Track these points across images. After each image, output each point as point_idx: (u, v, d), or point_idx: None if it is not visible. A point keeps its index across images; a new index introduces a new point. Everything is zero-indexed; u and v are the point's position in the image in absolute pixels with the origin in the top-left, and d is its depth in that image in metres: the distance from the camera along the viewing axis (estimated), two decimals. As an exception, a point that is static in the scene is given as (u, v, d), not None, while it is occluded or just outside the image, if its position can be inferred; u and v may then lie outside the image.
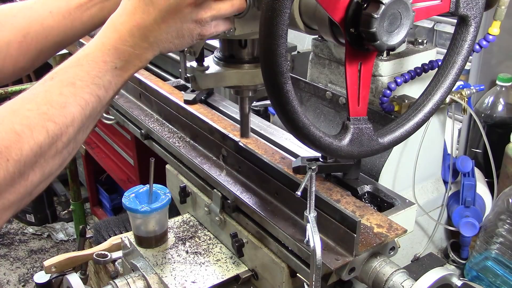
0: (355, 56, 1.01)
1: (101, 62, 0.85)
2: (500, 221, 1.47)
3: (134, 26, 0.87)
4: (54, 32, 1.15)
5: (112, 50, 0.86)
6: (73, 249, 3.53)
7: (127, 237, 1.44)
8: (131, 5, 0.89)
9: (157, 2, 0.87)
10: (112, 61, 0.85)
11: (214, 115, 1.68)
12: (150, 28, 0.87)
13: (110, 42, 0.86)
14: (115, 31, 0.87)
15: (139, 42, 0.87)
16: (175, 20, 0.88)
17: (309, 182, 1.07)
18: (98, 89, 0.84)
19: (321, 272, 1.06)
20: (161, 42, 0.90)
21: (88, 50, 0.87)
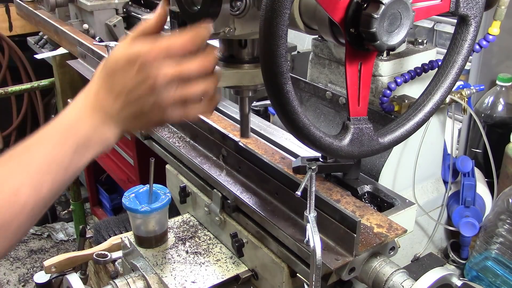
0: (355, 56, 1.01)
1: (60, 145, 0.83)
2: (500, 221, 1.47)
3: (95, 108, 0.86)
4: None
5: (72, 132, 0.84)
6: (73, 249, 3.53)
7: (127, 237, 1.44)
8: (94, 88, 0.88)
9: (116, 86, 0.86)
10: (72, 144, 0.83)
11: (214, 115, 1.68)
12: (112, 110, 0.86)
13: (71, 123, 0.85)
14: (77, 113, 0.87)
15: (100, 124, 0.86)
16: (136, 104, 0.86)
17: (309, 182, 1.07)
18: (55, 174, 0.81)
19: (321, 272, 1.06)
20: (122, 124, 0.88)
21: (50, 129, 0.85)
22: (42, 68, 3.43)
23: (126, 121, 0.87)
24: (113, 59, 0.88)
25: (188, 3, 1.10)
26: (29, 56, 3.82)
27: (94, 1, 2.81)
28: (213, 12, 1.07)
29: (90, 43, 2.42)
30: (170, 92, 0.85)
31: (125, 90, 0.85)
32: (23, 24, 3.88)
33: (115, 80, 0.86)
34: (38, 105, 4.22)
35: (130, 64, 0.85)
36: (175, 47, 0.86)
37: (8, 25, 3.97)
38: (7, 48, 4.03)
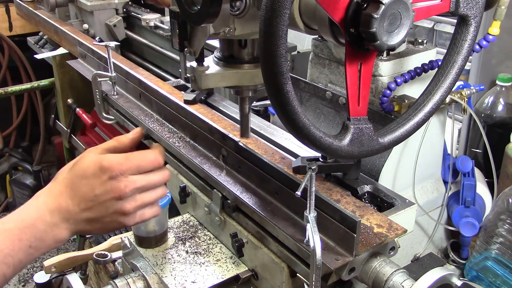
0: (355, 56, 1.01)
1: (16, 240, 0.87)
2: (500, 221, 1.47)
3: (56, 208, 0.92)
4: None
5: (30, 228, 0.88)
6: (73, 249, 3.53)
7: (127, 237, 1.44)
8: (58, 189, 0.94)
9: (82, 190, 0.92)
10: (28, 239, 0.88)
11: (214, 115, 1.68)
12: (72, 212, 0.92)
13: (30, 220, 0.90)
14: (37, 210, 0.91)
15: (59, 223, 0.91)
16: (98, 209, 0.93)
17: (309, 182, 1.07)
18: (6, 268, 0.86)
19: (321, 272, 1.06)
20: (81, 226, 0.94)
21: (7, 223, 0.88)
22: (42, 68, 3.43)
23: (83, 223, 0.94)
24: (83, 165, 0.95)
25: (188, 3, 1.10)
26: (29, 56, 3.82)
27: (94, 1, 2.81)
28: (213, 12, 1.07)
29: (90, 43, 2.42)
30: (132, 201, 0.95)
31: (90, 196, 0.93)
32: (23, 24, 3.88)
33: (81, 185, 0.93)
34: (38, 105, 4.22)
35: (102, 172, 0.92)
36: (145, 164, 0.97)
37: (8, 25, 3.98)
38: (7, 48, 4.03)
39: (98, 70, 2.20)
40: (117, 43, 2.37)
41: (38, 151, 4.29)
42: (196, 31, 1.19)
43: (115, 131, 2.53)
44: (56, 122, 3.26)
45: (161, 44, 2.72)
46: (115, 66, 2.01)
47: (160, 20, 2.62)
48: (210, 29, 1.15)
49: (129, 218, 0.96)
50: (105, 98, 2.04)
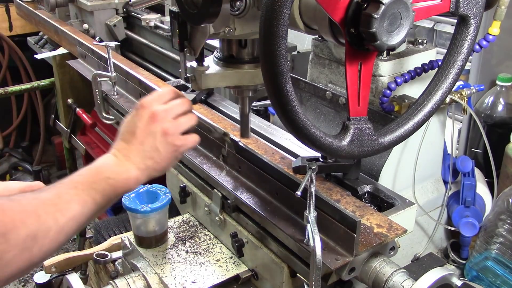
0: (355, 56, 1.01)
1: (96, 173, 1.04)
2: (500, 221, 1.47)
3: (116, 151, 1.09)
4: None
5: (104, 167, 1.06)
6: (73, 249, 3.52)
7: (127, 237, 1.44)
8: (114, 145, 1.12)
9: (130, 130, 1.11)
10: (105, 173, 1.04)
11: (214, 115, 1.68)
12: (129, 149, 1.09)
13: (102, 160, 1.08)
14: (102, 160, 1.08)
15: (123, 160, 1.08)
16: (147, 139, 1.09)
17: (309, 182, 1.07)
18: (95, 193, 1.00)
19: (321, 272, 1.06)
20: (143, 160, 1.08)
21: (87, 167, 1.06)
22: (42, 68, 3.43)
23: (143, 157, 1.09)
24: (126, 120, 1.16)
25: (188, 3, 1.10)
26: (29, 56, 3.82)
27: (94, 1, 2.81)
28: (213, 12, 1.07)
29: (90, 43, 2.41)
30: (169, 122, 1.11)
31: (135, 129, 1.10)
32: (23, 24, 3.88)
33: (128, 127, 1.13)
34: (38, 105, 4.22)
35: (137, 112, 1.13)
36: (163, 94, 1.16)
37: (8, 25, 3.97)
38: (7, 48, 4.03)
39: (98, 70, 2.20)
40: (117, 43, 2.37)
41: (38, 151, 4.29)
42: (196, 31, 1.19)
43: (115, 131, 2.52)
44: (56, 122, 3.26)
45: (161, 44, 2.72)
46: (115, 66, 2.01)
47: (160, 20, 2.62)
48: (210, 29, 1.15)
49: (174, 138, 1.11)
50: (105, 98, 2.04)
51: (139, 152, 1.08)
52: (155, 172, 1.11)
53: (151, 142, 1.09)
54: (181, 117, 1.14)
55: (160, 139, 1.09)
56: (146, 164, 1.08)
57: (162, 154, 1.10)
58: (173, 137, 1.11)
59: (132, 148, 1.09)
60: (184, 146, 1.13)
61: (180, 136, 1.12)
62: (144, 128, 1.10)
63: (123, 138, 1.12)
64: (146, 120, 1.10)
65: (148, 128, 1.09)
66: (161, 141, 1.09)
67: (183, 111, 1.15)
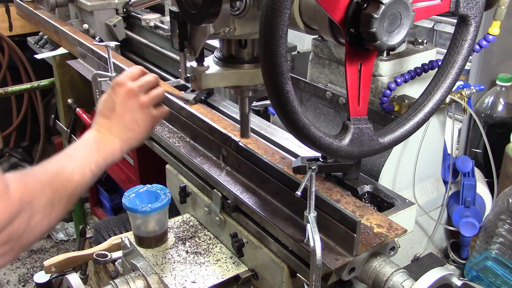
0: (355, 56, 1.01)
1: (88, 147, 1.18)
2: (500, 221, 1.47)
3: (99, 127, 1.22)
4: None
5: (93, 141, 1.19)
6: (73, 249, 3.53)
7: (127, 237, 1.44)
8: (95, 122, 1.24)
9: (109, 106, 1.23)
10: (95, 146, 1.18)
11: (214, 115, 1.68)
12: (111, 124, 1.21)
13: (89, 135, 1.22)
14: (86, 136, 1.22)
15: (107, 134, 1.20)
16: (126, 112, 1.22)
17: (309, 182, 1.07)
18: (90, 164, 1.13)
19: (321, 272, 1.06)
20: (124, 132, 1.21)
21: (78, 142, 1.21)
22: (42, 68, 3.43)
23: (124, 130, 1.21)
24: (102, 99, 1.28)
25: (188, 3, 1.11)
26: (29, 56, 3.82)
27: (94, 1, 2.81)
28: (213, 12, 1.07)
29: (90, 43, 2.42)
30: (144, 96, 1.24)
31: (113, 105, 1.22)
32: (23, 24, 3.88)
33: (107, 104, 1.24)
34: (38, 105, 4.22)
35: (112, 89, 1.25)
36: (134, 72, 1.28)
37: (8, 25, 3.98)
38: (7, 48, 4.03)
39: (98, 70, 2.20)
40: (117, 43, 2.37)
41: (38, 151, 4.29)
42: (196, 31, 1.19)
43: (115, 131, 2.53)
44: (56, 122, 3.26)
45: (161, 44, 2.72)
46: (115, 66, 2.01)
47: (160, 20, 2.62)
48: (210, 29, 1.15)
49: (150, 110, 1.24)
50: (105, 98, 2.03)
51: (120, 125, 1.21)
52: (136, 142, 1.24)
53: (130, 116, 1.22)
54: (152, 91, 1.27)
55: (138, 112, 1.22)
56: (128, 135, 1.22)
57: (141, 125, 1.23)
58: (149, 109, 1.24)
59: (113, 122, 1.21)
60: (159, 116, 1.28)
61: (153, 108, 1.26)
62: (122, 104, 1.22)
63: (103, 115, 1.23)
64: (123, 96, 1.22)
65: (126, 103, 1.22)
66: (139, 114, 1.22)
67: (153, 85, 1.28)
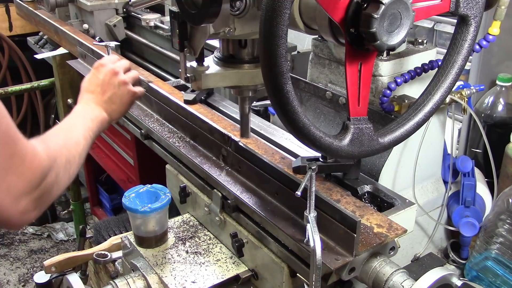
0: (355, 56, 1.01)
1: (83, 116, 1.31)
2: (500, 221, 1.47)
3: (89, 99, 1.37)
4: None
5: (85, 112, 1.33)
6: (73, 249, 3.53)
7: (127, 237, 1.44)
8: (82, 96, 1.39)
9: (94, 83, 1.39)
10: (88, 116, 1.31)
11: (214, 115, 1.68)
12: (97, 98, 1.37)
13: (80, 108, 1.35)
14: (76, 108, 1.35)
15: (95, 106, 1.35)
16: (109, 88, 1.38)
17: (309, 182, 1.07)
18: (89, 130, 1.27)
19: (321, 272, 1.06)
20: (108, 105, 1.37)
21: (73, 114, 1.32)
22: (42, 68, 3.42)
23: (108, 103, 1.37)
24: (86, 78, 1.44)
25: (188, 3, 1.11)
26: (29, 56, 3.82)
27: (94, 1, 2.80)
28: (213, 12, 1.07)
29: (90, 43, 2.41)
30: (122, 76, 1.41)
31: (99, 81, 1.39)
32: (23, 24, 3.88)
33: (92, 81, 1.40)
34: (38, 105, 4.22)
35: (96, 68, 1.42)
36: (112, 58, 1.47)
37: (8, 25, 3.97)
38: (7, 48, 4.02)
39: (98, 70, 2.19)
40: (117, 43, 2.37)
41: (38, 151, 4.28)
42: (196, 31, 1.19)
43: (115, 131, 2.53)
44: (56, 122, 3.24)
45: (161, 44, 2.72)
46: (115, 66, 2.00)
47: (160, 20, 2.62)
48: (210, 29, 1.15)
49: (129, 87, 1.41)
50: (105, 98, 2.03)
51: (104, 98, 1.37)
52: (119, 114, 1.40)
53: (113, 90, 1.38)
54: (130, 72, 1.46)
55: (121, 88, 1.39)
56: (112, 107, 1.37)
57: (123, 99, 1.40)
58: (129, 86, 1.41)
59: (99, 96, 1.37)
60: (138, 93, 1.44)
61: (132, 86, 1.43)
62: (107, 81, 1.38)
63: (89, 90, 1.38)
64: (107, 74, 1.39)
65: (110, 80, 1.39)
66: (121, 89, 1.39)
67: (129, 69, 1.47)
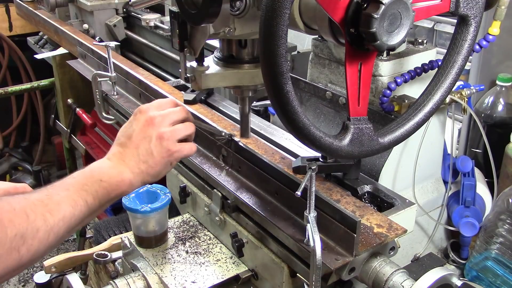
0: (355, 56, 1.01)
1: (89, 176, 1.05)
2: (500, 221, 1.47)
3: (111, 155, 1.12)
4: None
5: (97, 170, 1.07)
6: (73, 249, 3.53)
7: (127, 237, 1.44)
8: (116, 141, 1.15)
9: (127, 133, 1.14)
10: (98, 176, 1.05)
11: (214, 115, 1.68)
12: (124, 152, 1.11)
13: (96, 164, 1.10)
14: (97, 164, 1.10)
15: (117, 164, 1.09)
16: (143, 142, 1.11)
17: (309, 182, 1.07)
18: (86, 195, 1.00)
19: (321, 272, 1.06)
20: (137, 164, 1.10)
21: (80, 170, 1.08)
22: (42, 68, 3.43)
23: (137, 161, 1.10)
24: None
25: (188, 3, 1.10)
26: (29, 56, 3.82)
27: (94, 1, 2.81)
28: (213, 12, 1.07)
29: (90, 43, 2.41)
30: (166, 127, 1.13)
31: (131, 132, 1.13)
32: (23, 24, 3.88)
33: (125, 131, 1.15)
34: (38, 105, 4.22)
35: (134, 116, 1.16)
36: (163, 102, 1.21)
37: (8, 25, 3.97)
38: (7, 48, 4.03)
39: (98, 70, 2.20)
40: (117, 43, 2.37)
41: (38, 151, 4.29)
42: (196, 31, 1.19)
43: (115, 131, 2.53)
44: (56, 122, 3.26)
45: (161, 44, 2.72)
46: (115, 66, 2.01)
47: (160, 20, 2.62)
48: (210, 29, 1.15)
49: (169, 143, 1.12)
50: (105, 98, 2.04)
51: (133, 155, 1.10)
52: (149, 177, 1.12)
53: (146, 146, 1.11)
54: (178, 124, 1.16)
55: (155, 143, 1.11)
56: (140, 168, 1.10)
57: (156, 158, 1.11)
58: (168, 142, 1.12)
59: (127, 151, 1.11)
60: (179, 152, 1.14)
61: (176, 143, 1.14)
62: (140, 132, 1.12)
63: (119, 143, 1.14)
64: (143, 123, 1.13)
65: (144, 131, 1.12)
66: (156, 145, 1.11)
67: (181, 118, 1.18)
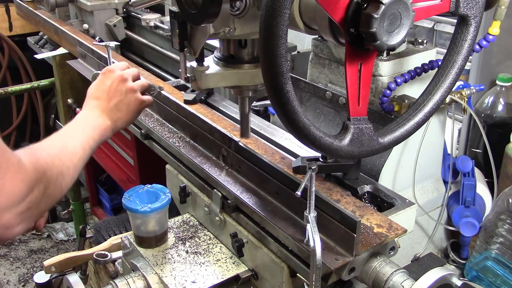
0: (355, 56, 1.01)
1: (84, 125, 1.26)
2: (500, 221, 1.47)
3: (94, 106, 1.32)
4: None
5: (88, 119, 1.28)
6: (73, 249, 3.53)
7: (127, 237, 1.44)
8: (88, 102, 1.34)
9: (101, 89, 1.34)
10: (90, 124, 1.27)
11: (214, 115, 1.68)
12: (103, 104, 1.32)
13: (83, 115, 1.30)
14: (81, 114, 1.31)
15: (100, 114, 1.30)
16: (116, 95, 1.33)
17: (309, 182, 1.07)
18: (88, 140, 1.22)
19: (321, 272, 1.06)
20: (113, 112, 1.31)
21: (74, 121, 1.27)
22: (42, 68, 3.43)
23: (114, 110, 1.31)
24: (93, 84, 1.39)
25: (188, 3, 1.11)
26: (29, 56, 3.82)
27: (94, 1, 2.81)
28: (213, 12, 1.07)
29: (90, 43, 2.41)
30: (130, 83, 1.36)
31: (106, 88, 1.34)
32: (23, 24, 3.88)
33: (99, 87, 1.35)
34: (38, 105, 4.22)
35: (104, 74, 1.37)
36: (121, 65, 1.42)
37: (8, 25, 3.97)
38: (7, 48, 4.02)
39: (98, 70, 2.20)
40: (117, 43, 2.37)
41: (38, 151, 4.28)
42: (196, 31, 1.19)
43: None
44: (56, 122, 3.26)
45: (161, 44, 2.72)
46: (115, 66, 2.00)
47: (160, 20, 2.62)
48: (210, 29, 1.15)
49: (137, 94, 1.36)
50: (105, 98, 2.03)
51: (110, 106, 1.32)
52: (124, 123, 1.34)
53: (119, 98, 1.33)
54: (139, 80, 1.41)
55: (128, 95, 1.34)
56: (117, 115, 1.32)
57: (130, 107, 1.34)
58: (137, 93, 1.36)
59: (104, 103, 1.32)
60: (147, 101, 1.39)
61: (140, 95, 1.38)
62: (114, 87, 1.33)
63: (95, 97, 1.33)
64: (115, 80, 1.34)
65: (118, 86, 1.34)
66: (128, 97, 1.34)
67: (137, 75, 1.42)
